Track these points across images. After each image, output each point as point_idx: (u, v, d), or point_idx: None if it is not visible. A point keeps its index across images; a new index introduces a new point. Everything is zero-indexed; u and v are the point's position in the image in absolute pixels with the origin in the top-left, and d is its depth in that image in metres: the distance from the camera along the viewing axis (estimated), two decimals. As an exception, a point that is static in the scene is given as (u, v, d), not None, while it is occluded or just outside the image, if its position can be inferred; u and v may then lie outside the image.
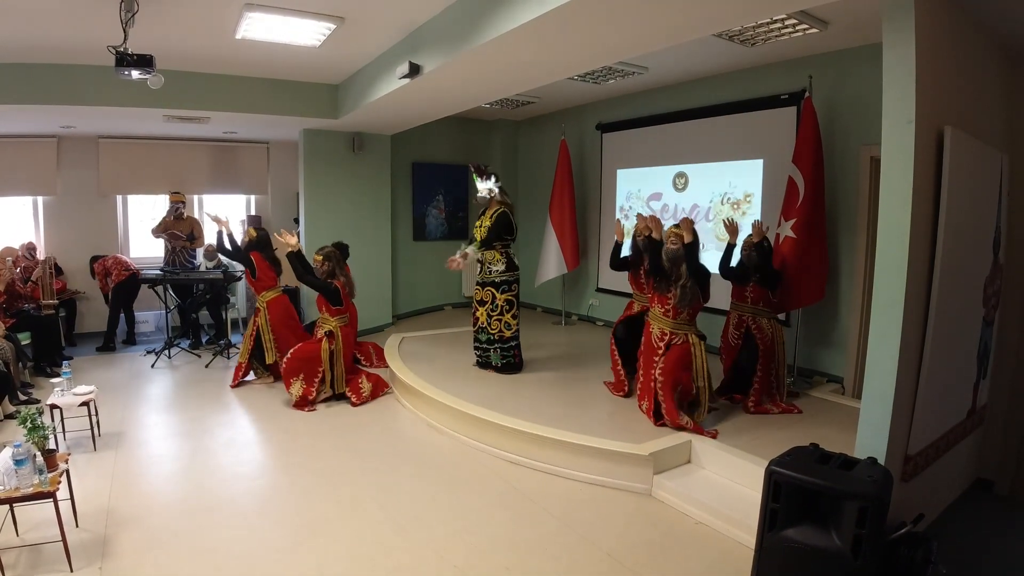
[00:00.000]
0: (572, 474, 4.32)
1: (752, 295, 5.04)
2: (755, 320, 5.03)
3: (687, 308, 4.65)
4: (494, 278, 5.93)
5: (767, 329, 5.00)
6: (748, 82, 6.21)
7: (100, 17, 4.61)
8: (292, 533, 3.61)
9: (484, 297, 5.98)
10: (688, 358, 4.63)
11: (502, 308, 5.91)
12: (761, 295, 5.01)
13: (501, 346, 5.97)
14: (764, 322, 5.01)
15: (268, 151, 9.45)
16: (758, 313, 5.04)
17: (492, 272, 5.94)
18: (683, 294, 4.59)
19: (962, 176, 3.29)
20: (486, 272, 5.98)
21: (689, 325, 4.71)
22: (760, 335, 4.98)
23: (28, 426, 3.28)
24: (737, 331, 5.16)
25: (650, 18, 3.74)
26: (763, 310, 5.03)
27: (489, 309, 5.94)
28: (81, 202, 8.41)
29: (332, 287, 5.77)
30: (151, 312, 8.70)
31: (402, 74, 5.16)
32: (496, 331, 5.95)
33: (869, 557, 2.52)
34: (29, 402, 5.47)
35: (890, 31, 3.01)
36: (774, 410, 4.91)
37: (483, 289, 5.99)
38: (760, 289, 5.00)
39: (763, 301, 5.02)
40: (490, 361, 6.03)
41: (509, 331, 5.96)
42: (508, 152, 9.93)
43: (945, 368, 3.46)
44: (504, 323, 5.92)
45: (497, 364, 6.00)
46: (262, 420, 5.55)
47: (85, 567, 3.21)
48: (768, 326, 5.01)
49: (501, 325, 5.93)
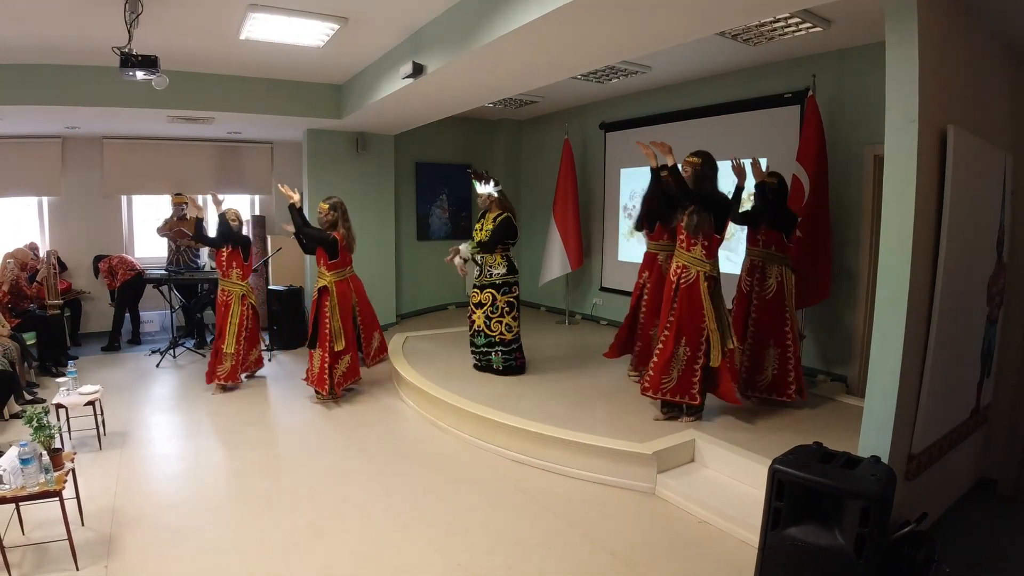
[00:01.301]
0: (576, 473, 4.32)
1: (763, 238, 4.87)
2: (763, 267, 4.84)
3: (700, 237, 4.47)
4: (494, 280, 5.87)
5: (772, 277, 4.82)
6: (751, 81, 6.20)
7: (105, 18, 4.62)
8: (297, 532, 3.62)
9: (483, 300, 5.90)
10: (698, 301, 4.47)
11: (503, 310, 5.85)
12: (773, 238, 4.82)
13: (503, 349, 5.90)
14: (774, 268, 4.81)
15: (272, 151, 9.46)
16: (768, 258, 4.84)
17: (492, 275, 5.88)
18: (691, 220, 4.49)
19: (965, 175, 3.29)
20: (486, 274, 5.92)
21: (702, 261, 4.47)
22: (760, 288, 4.86)
23: (34, 425, 3.30)
24: (749, 277, 4.99)
25: (653, 18, 3.74)
26: (775, 254, 4.83)
27: (489, 311, 5.87)
28: (86, 203, 8.43)
29: (331, 238, 5.73)
30: (156, 312, 8.72)
31: (405, 74, 5.17)
32: (497, 333, 5.89)
33: (872, 556, 2.52)
34: (35, 401, 5.49)
35: (893, 30, 3.01)
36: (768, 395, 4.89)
37: (482, 292, 5.92)
38: (771, 232, 4.81)
39: (775, 244, 4.83)
40: (491, 364, 5.97)
41: (511, 333, 5.89)
42: (511, 152, 9.94)
43: (949, 367, 3.46)
44: (505, 325, 5.86)
45: (499, 367, 5.94)
46: (267, 419, 5.57)
47: (91, 566, 3.22)
48: (777, 272, 4.81)
49: (502, 327, 5.86)
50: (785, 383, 4.85)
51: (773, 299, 4.86)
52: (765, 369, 4.93)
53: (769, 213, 4.84)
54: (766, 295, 4.89)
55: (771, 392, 4.92)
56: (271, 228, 9.22)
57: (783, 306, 4.84)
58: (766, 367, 4.92)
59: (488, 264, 5.89)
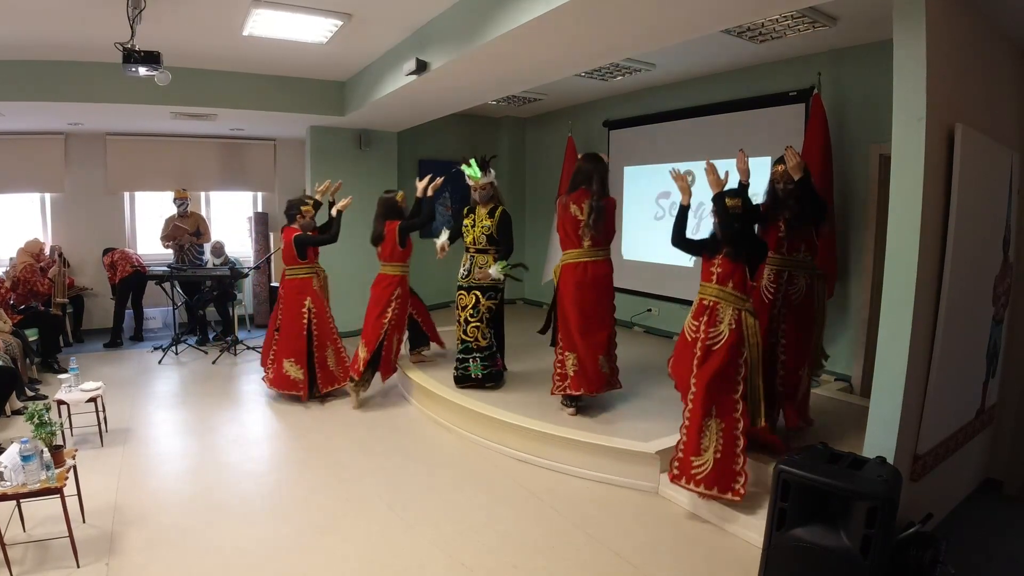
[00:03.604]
0: (580, 472, 4.31)
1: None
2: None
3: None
4: (482, 282, 5.38)
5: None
6: (756, 79, 6.18)
7: (107, 14, 4.62)
8: (300, 531, 3.61)
9: (467, 302, 5.41)
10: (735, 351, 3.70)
11: (483, 315, 5.36)
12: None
13: (480, 356, 5.39)
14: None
15: (275, 148, 9.46)
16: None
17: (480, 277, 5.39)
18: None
19: (973, 174, 3.26)
20: (474, 275, 5.41)
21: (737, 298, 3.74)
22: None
23: (35, 422, 3.29)
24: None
25: (658, 14, 3.73)
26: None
27: (469, 314, 5.39)
28: (89, 199, 8.42)
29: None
30: (158, 309, 8.72)
31: (409, 71, 5.16)
32: (473, 339, 5.38)
33: (878, 557, 2.51)
34: (36, 398, 5.50)
35: (901, 28, 2.99)
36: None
37: (468, 293, 5.42)
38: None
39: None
40: (470, 373, 5.41)
41: (485, 340, 5.37)
42: (515, 149, 9.92)
43: (954, 367, 3.44)
44: (482, 332, 5.36)
45: (478, 375, 5.39)
46: (269, 417, 5.56)
47: (92, 563, 3.22)
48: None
49: (479, 333, 5.37)
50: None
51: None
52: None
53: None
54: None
55: None
56: (274, 225, 9.21)
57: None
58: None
59: (479, 264, 5.41)
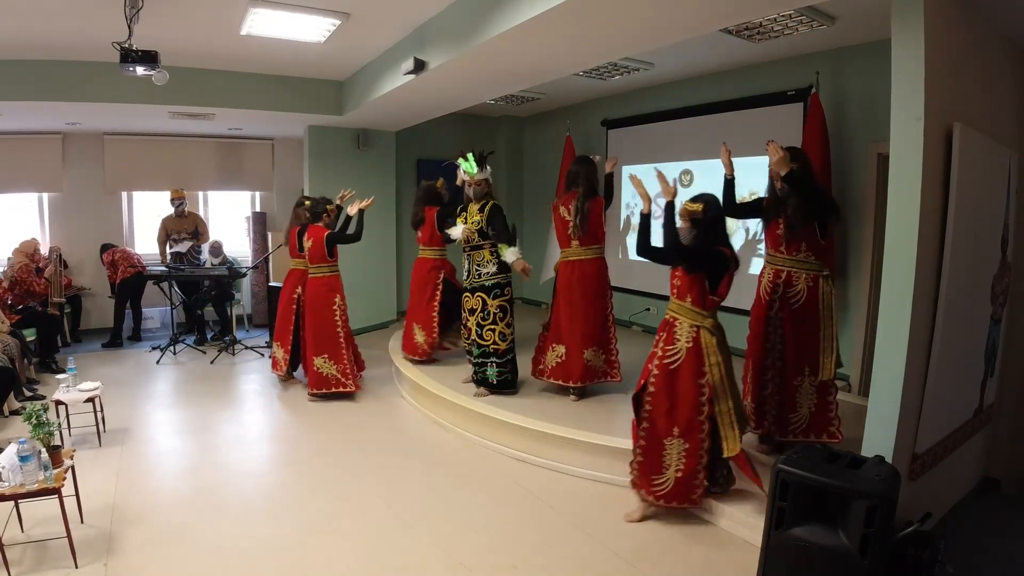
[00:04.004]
0: (578, 471, 4.31)
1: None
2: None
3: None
4: (484, 281, 5.14)
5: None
6: (754, 78, 6.17)
7: (105, 13, 4.61)
8: (299, 530, 3.61)
9: (474, 305, 5.18)
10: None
11: (495, 316, 5.10)
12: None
13: (498, 360, 5.16)
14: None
15: (273, 148, 9.45)
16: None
17: (481, 275, 5.16)
18: None
19: (971, 173, 3.26)
20: (474, 275, 5.20)
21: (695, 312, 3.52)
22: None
23: (33, 422, 3.29)
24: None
25: (656, 14, 3.73)
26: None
27: (480, 318, 5.14)
28: (87, 199, 8.40)
29: None
30: (156, 308, 8.71)
31: (407, 70, 5.15)
32: (490, 342, 5.13)
33: (877, 556, 2.51)
34: (34, 398, 5.48)
35: (899, 27, 2.98)
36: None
37: (472, 295, 5.20)
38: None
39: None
40: (487, 378, 5.22)
41: (504, 343, 5.12)
42: (513, 148, 9.91)
43: (953, 366, 3.44)
44: (499, 333, 5.09)
45: (493, 381, 5.19)
46: (268, 417, 5.57)
47: (90, 564, 3.21)
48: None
49: (495, 336, 5.11)
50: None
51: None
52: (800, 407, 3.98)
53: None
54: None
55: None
56: (272, 225, 9.21)
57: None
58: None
59: (476, 263, 5.19)
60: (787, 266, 3.91)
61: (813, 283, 3.85)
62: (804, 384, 3.93)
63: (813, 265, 3.86)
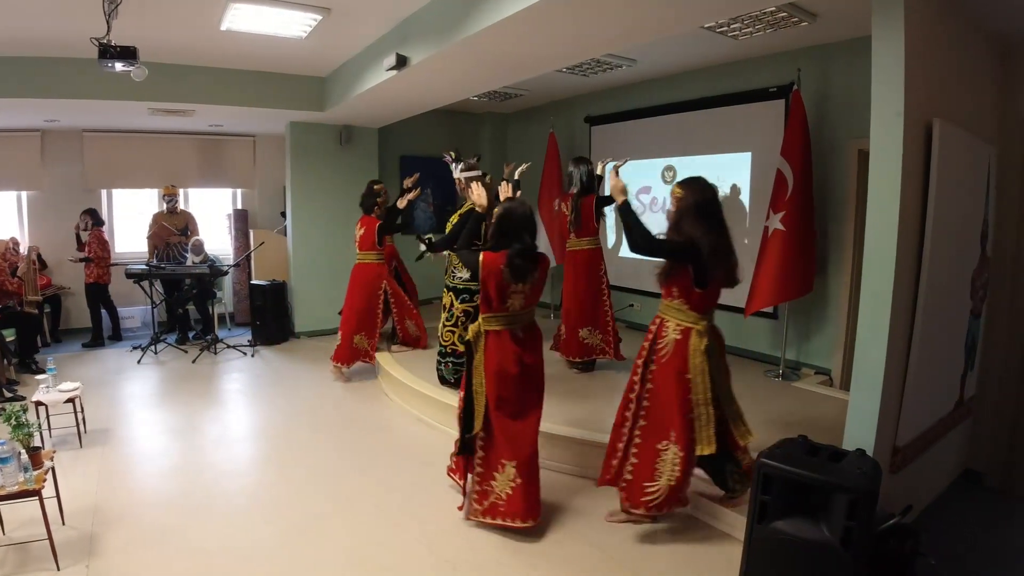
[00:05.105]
0: (561, 467, 4.33)
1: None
2: (665, 324, 3.43)
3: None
4: (455, 284, 5.19)
5: (672, 337, 3.37)
6: (737, 75, 6.21)
7: (83, 9, 4.55)
8: (283, 530, 3.59)
9: (445, 303, 5.28)
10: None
11: (457, 319, 5.17)
12: (670, 283, 3.40)
13: (454, 360, 5.26)
14: (672, 327, 3.39)
15: (255, 144, 9.37)
16: (667, 313, 3.45)
17: (455, 278, 5.19)
18: None
19: (950, 169, 3.30)
20: (450, 275, 5.26)
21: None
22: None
23: (13, 423, 3.25)
24: None
25: (638, 9, 3.73)
26: (675, 308, 3.39)
27: (445, 318, 5.26)
28: (66, 197, 8.26)
29: None
30: (138, 308, 8.61)
31: (389, 66, 5.12)
32: (449, 343, 5.24)
33: (859, 549, 2.53)
34: (14, 399, 5.42)
35: (879, 24, 3.01)
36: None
37: (447, 294, 5.28)
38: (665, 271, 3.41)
39: (677, 293, 3.38)
40: (443, 374, 5.36)
41: (462, 345, 4.84)
42: (497, 145, 9.91)
43: (933, 360, 3.48)
44: (458, 336, 5.11)
45: (451, 379, 5.29)
46: (251, 416, 5.53)
47: (72, 565, 3.18)
48: (677, 333, 3.36)
49: (454, 337, 5.17)
50: None
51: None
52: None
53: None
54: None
55: None
56: (253, 222, 9.14)
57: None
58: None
59: (452, 264, 5.24)
60: (661, 311, 3.50)
61: (682, 336, 3.35)
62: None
63: (688, 315, 3.35)
